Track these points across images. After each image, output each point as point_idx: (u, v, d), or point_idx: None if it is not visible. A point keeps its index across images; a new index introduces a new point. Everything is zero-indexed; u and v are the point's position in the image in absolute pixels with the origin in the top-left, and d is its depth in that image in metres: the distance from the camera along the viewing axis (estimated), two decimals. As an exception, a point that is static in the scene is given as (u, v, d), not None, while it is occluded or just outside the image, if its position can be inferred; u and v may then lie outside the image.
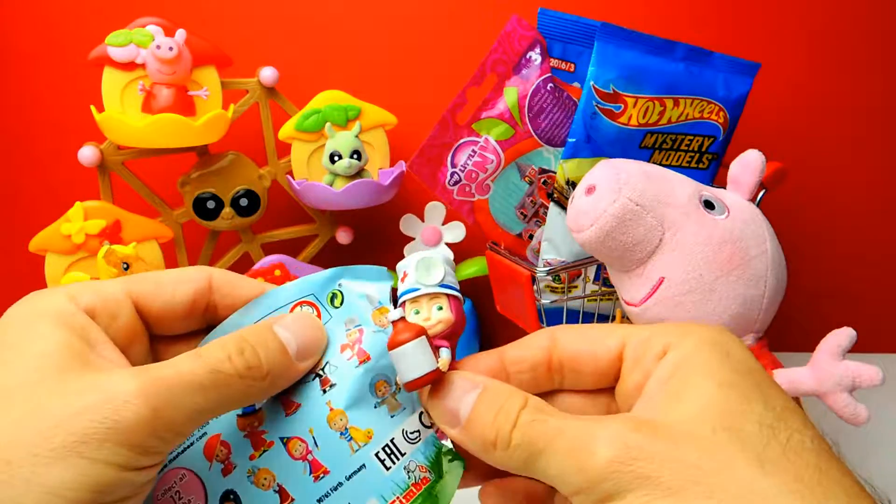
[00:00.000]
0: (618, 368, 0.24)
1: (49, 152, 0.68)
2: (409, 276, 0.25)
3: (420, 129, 0.57)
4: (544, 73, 0.52)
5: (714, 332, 0.23)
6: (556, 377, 0.26)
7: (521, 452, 0.21)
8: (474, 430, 0.23)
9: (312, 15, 0.66)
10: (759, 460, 0.19)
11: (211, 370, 0.22)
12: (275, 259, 0.60)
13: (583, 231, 0.40)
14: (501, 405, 0.22)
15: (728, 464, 0.18)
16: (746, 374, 0.21)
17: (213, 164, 0.59)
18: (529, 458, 0.21)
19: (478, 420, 0.23)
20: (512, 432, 0.22)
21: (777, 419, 0.20)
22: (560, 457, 0.21)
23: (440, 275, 0.25)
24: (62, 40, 0.65)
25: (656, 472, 0.19)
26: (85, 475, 0.20)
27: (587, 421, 0.21)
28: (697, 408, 0.20)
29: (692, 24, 0.65)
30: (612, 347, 0.24)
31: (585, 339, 0.25)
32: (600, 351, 0.24)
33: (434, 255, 0.25)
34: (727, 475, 0.18)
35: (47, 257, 0.54)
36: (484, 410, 0.23)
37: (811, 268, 0.70)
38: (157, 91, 0.54)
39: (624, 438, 0.20)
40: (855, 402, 0.37)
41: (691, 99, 0.50)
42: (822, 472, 0.19)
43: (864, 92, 0.66)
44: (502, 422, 0.22)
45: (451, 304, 0.25)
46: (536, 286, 0.52)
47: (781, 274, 0.41)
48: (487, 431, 0.22)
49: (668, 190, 0.39)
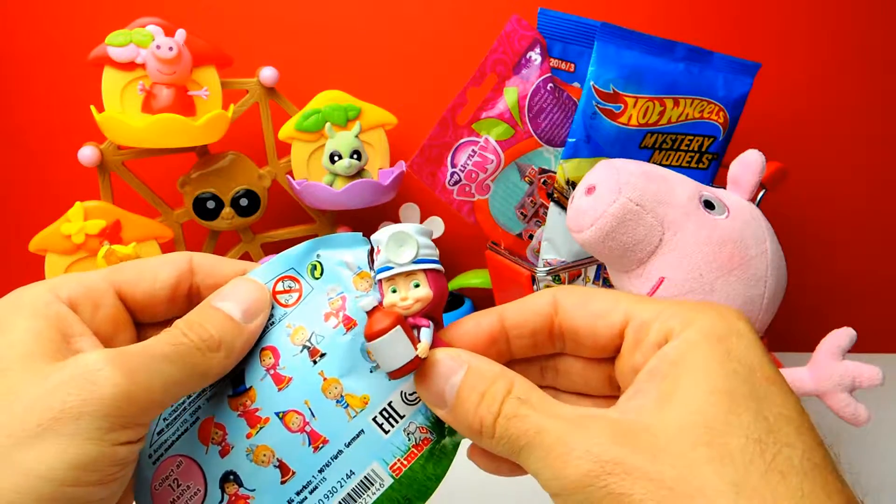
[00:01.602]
0: (618, 345, 0.24)
1: (49, 152, 0.68)
2: (381, 253, 0.24)
3: (420, 129, 0.57)
4: (544, 73, 0.52)
5: (721, 322, 0.21)
6: (558, 343, 0.25)
7: (504, 444, 0.21)
8: (459, 415, 0.22)
9: (312, 15, 0.66)
10: (734, 486, 0.18)
11: (173, 343, 0.23)
12: (275, 259, 0.60)
13: (583, 231, 0.40)
14: (485, 390, 0.22)
15: (701, 487, 0.18)
16: (746, 375, 0.20)
17: (213, 164, 0.59)
18: (512, 451, 0.21)
19: (462, 406, 0.22)
20: (495, 423, 0.21)
21: (767, 431, 0.19)
22: (539, 458, 0.20)
23: (412, 252, 0.24)
24: (62, 40, 0.65)
25: (629, 490, 0.18)
26: (65, 452, 0.19)
27: (567, 424, 0.21)
28: (682, 417, 0.19)
29: (692, 24, 0.65)
30: (614, 324, 0.23)
31: (588, 313, 0.24)
32: (601, 327, 0.24)
33: (406, 229, 0.24)
34: (698, 501, 0.18)
35: (47, 257, 0.54)
36: (467, 396, 0.22)
37: (811, 268, 0.70)
38: (157, 91, 0.54)
39: (599, 452, 0.19)
40: (855, 402, 0.37)
41: (691, 99, 0.50)
42: (803, 496, 0.18)
43: (864, 92, 0.66)
44: (485, 411, 0.22)
45: (428, 279, 0.24)
46: (536, 286, 0.52)
47: (781, 274, 0.41)
48: (472, 419, 0.22)
49: (668, 190, 0.39)
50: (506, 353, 0.25)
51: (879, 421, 0.41)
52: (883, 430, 0.51)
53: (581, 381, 0.26)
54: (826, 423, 0.44)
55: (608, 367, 0.25)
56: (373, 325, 0.23)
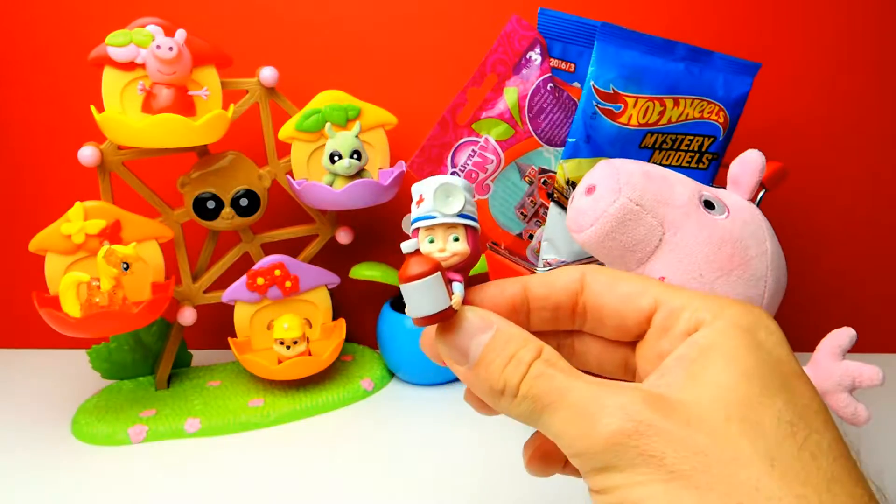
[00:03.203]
0: (643, 330, 0.23)
1: (49, 152, 0.68)
2: (425, 202, 0.24)
3: (420, 129, 0.57)
4: (544, 73, 0.52)
5: (749, 316, 0.21)
6: (579, 320, 0.25)
7: (527, 405, 0.21)
8: (483, 373, 0.22)
9: (312, 15, 0.66)
10: (769, 457, 0.18)
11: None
12: (275, 259, 0.60)
13: (583, 231, 0.40)
14: (513, 353, 0.22)
15: (736, 456, 0.18)
16: (774, 365, 0.20)
17: (213, 164, 0.59)
18: (534, 412, 0.21)
19: (487, 364, 0.22)
20: (520, 383, 0.21)
21: (798, 417, 0.19)
22: (564, 417, 0.20)
23: (460, 204, 0.23)
24: (62, 40, 0.65)
25: (661, 452, 0.18)
26: None
27: (598, 386, 0.20)
28: (715, 392, 0.19)
29: (692, 24, 0.65)
30: (643, 310, 0.23)
31: (616, 295, 0.24)
32: (629, 311, 0.23)
33: (455, 182, 0.24)
34: (733, 468, 0.18)
35: (47, 257, 0.54)
36: (495, 356, 0.22)
37: (811, 268, 0.70)
38: (157, 91, 0.54)
39: (633, 412, 0.19)
40: (855, 402, 0.37)
41: (691, 99, 0.50)
42: (833, 479, 0.18)
43: (864, 92, 0.66)
44: (511, 371, 0.21)
45: (468, 236, 0.23)
46: (536, 286, 0.52)
47: (781, 274, 0.41)
48: (495, 378, 0.22)
49: (668, 190, 0.39)
50: (524, 323, 0.25)
51: (879, 421, 0.41)
52: (883, 430, 0.51)
53: (595, 362, 0.26)
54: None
55: (626, 351, 0.25)
56: (411, 267, 0.22)
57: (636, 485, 0.18)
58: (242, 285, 0.59)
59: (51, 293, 0.54)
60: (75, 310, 0.52)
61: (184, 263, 0.62)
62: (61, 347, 0.71)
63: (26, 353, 0.71)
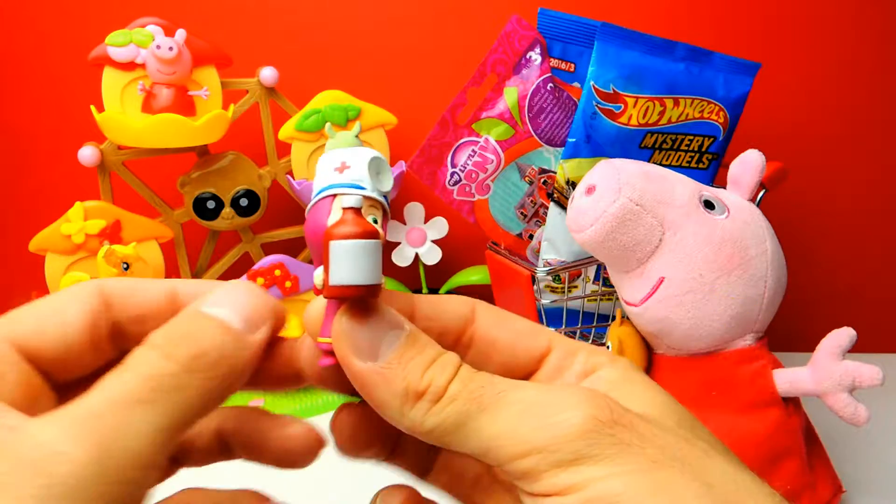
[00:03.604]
0: (532, 370, 0.22)
1: (49, 152, 0.68)
2: (351, 170, 0.21)
3: (420, 129, 0.57)
4: (544, 73, 0.52)
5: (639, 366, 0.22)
6: (461, 350, 0.22)
7: (456, 407, 0.18)
8: (398, 371, 0.18)
9: (312, 15, 0.66)
10: (726, 455, 0.18)
11: (146, 377, 0.17)
12: (275, 259, 0.60)
13: (583, 231, 0.40)
14: (434, 357, 0.19)
15: (704, 452, 0.18)
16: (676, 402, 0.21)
17: (213, 164, 0.59)
18: (463, 415, 0.18)
19: (406, 362, 0.19)
20: (449, 384, 0.18)
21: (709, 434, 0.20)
22: (514, 413, 0.18)
23: (387, 184, 0.21)
24: (62, 40, 0.65)
25: (639, 443, 0.17)
26: None
27: (545, 384, 0.19)
28: (653, 405, 0.19)
29: (692, 24, 0.65)
30: (537, 348, 0.22)
31: (510, 331, 0.22)
32: (522, 347, 0.22)
33: (382, 157, 0.21)
34: (707, 461, 0.17)
35: (47, 257, 0.54)
36: (415, 353, 0.19)
37: (811, 268, 0.70)
38: (157, 91, 0.54)
39: (603, 401, 0.18)
40: (855, 402, 0.37)
41: (691, 99, 0.50)
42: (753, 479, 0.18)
43: (864, 92, 0.66)
44: (437, 371, 0.18)
45: (383, 222, 0.21)
46: (536, 286, 0.52)
47: (781, 274, 0.41)
48: (413, 378, 0.18)
49: (668, 190, 0.39)
50: None
51: (879, 421, 0.41)
52: (883, 431, 0.51)
53: None
54: (826, 423, 0.44)
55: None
56: (352, 224, 0.18)
57: (614, 476, 0.17)
58: (242, 285, 0.59)
59: (51, 293, 0.54)
60: (75, 310, 0.52)
61: (184, 263, 0.62)
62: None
63: (26, 353, 0.71)
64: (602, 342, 0.53)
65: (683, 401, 0.21)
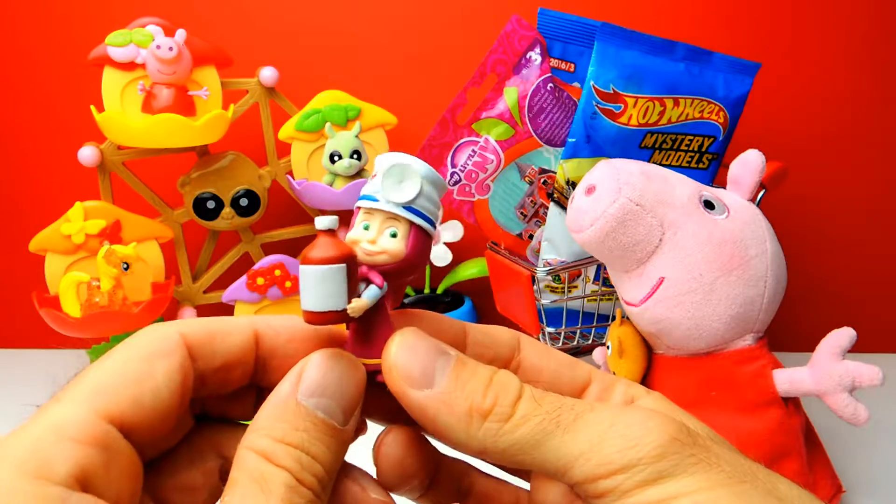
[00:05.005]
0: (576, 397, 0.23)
1: (49, 152, 0.68)
2: (376, 178, 0.19)
3: (420, 129, 0.57)
4: (544, 73, 0.52)
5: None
6: None
7: (531, 427, 0.18)
8: (458, 395, 0.18)
9: (312, 15, 0.66)
10: (776, 476, 0.19)
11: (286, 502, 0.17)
12: (275, 259, 0.60)
13: (583, 231, 0.40)
14: (489, 376, 0.19)
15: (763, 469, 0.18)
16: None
17: (213, 164, 0.59)
18: (540, 436, 0.18)
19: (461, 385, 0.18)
20: (518, 402, 0.18)
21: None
22: (596, 432, 0.18)
23: (412, 192, 0.19)
24: (62, 40, 0.65)
25: (716, 461, 0.18)
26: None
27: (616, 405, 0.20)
28: (699, 429, 0.20)
29: (692, 24, 0.65)
30: (579, 377, 0.22)
31: (553, 360, 0.23)
32: (566, 377, 0.22)
33: (416, 167, 0.19)
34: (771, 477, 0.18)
35: (47, 257, 0.54)
36: (470, 375, 0.19)
37: (811, 268, 0.70)
38: (157, 91, 0.54)
39: (680, 422, 0.18)
40: (855, 402, 0.37)
41: (691, 99, 0.50)
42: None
43: (864, 92, 0.66)
44: (500, 391, 0.18)
45: (410, 235, 0.19)
46: (536, 286, 0.52)
47: (781, 274, 0.41)
48: (476, 398, 0.18)
49: (668, 190, 0.39)
50: None
51: (879, 421, 0.41)
52: (883, 430, 0.51)
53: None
54: (826, 423, 0.44)
55: None
56: (316, 248, 0.18)
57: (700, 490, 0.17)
58: (242, 285, 0.59)
59: (51, 293, 0.54)
60: (75, 310, 0.52)
61: (184, 263, 0.62)
62: (61, 347, 0.71)
63: (26, 353, 0.71)
64: (602, 342, 0.53)
65: (684, 401, 0.21)
